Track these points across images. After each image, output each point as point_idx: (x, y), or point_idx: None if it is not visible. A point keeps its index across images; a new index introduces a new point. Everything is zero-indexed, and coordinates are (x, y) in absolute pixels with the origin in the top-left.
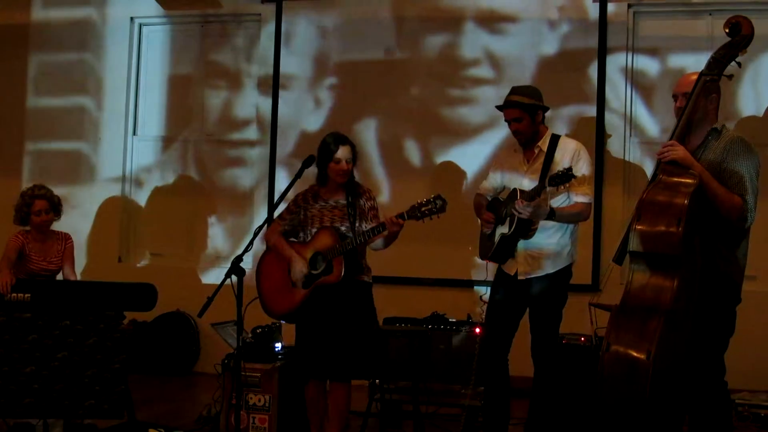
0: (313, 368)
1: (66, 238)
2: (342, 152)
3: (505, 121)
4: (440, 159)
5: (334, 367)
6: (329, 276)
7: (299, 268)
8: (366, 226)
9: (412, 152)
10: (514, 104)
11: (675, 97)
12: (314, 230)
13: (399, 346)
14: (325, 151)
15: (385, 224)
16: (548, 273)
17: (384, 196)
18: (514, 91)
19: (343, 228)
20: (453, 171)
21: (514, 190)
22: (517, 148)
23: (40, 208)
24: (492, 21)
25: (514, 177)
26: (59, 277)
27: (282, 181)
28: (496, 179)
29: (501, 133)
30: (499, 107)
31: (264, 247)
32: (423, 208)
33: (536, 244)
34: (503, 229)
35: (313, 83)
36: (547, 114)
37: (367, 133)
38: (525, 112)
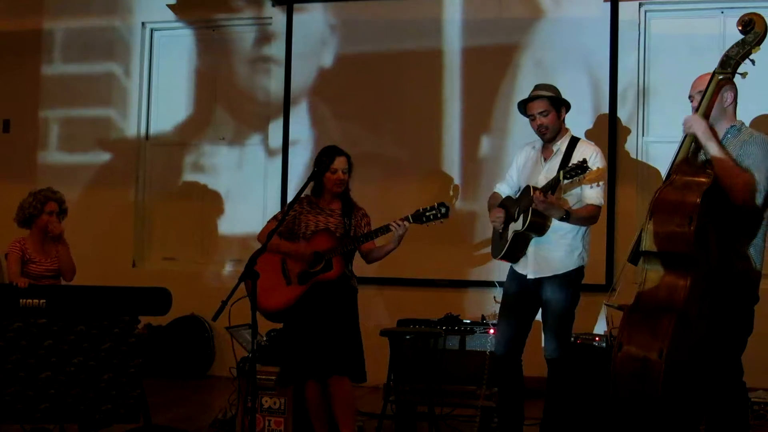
0: (313, 368)
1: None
2: (338, 162)
3: (529, 116)
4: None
5: (335, 363)
6: (328, 273)
7: (300, 260)
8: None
9: (422, 154)
10: (540, 97)
11: (691, 97)
12: (309, 233)
13: (413, 348)
14: (322, 161)
15: (389, 226)
16: (558, 274)
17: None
18: (539, 87)
19: (337, 234)
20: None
21: (527, 186)
22: (536, 145)
23: (52, 209)
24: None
25: (531, 175)
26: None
27: (292, 185)
28: (512, 178)
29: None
30: (523, 101)
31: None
32: (427, 213)
33: (547, 245)
34: (516, 226)
35: (324, 87)
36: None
37: (379, 136)
38: (552, 105)
